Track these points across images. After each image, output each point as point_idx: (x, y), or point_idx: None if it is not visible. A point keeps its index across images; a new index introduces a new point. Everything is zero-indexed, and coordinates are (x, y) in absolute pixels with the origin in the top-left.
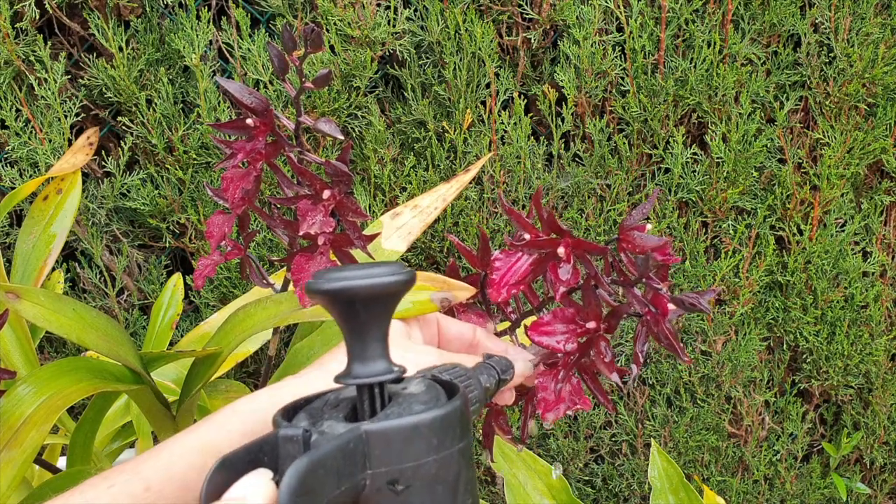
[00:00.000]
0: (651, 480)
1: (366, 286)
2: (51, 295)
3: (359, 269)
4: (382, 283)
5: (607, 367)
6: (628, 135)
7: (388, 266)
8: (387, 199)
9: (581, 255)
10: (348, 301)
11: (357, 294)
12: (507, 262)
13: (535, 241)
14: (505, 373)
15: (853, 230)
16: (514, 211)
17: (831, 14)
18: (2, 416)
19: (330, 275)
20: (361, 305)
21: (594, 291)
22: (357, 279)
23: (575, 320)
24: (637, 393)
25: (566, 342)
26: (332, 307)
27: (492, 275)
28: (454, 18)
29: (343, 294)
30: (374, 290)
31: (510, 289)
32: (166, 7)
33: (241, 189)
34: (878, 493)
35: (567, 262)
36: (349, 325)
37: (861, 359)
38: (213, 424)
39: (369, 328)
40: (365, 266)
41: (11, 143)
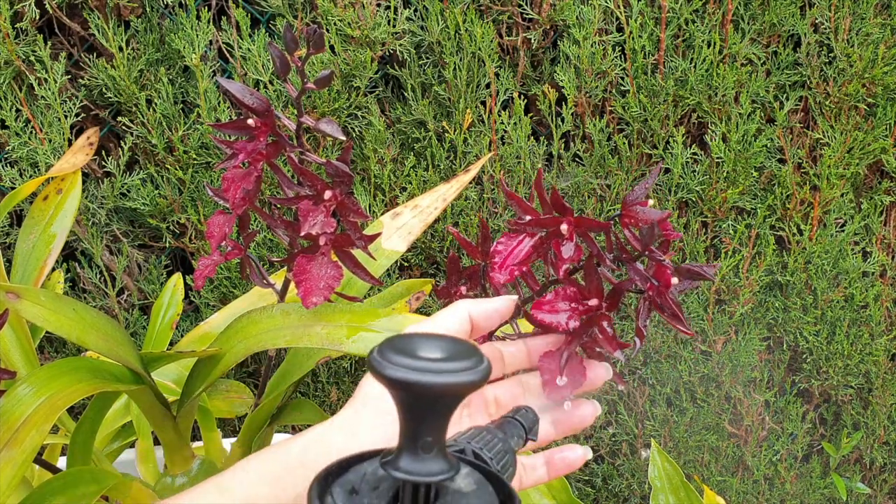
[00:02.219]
0: (651, 480)
1: (435, 384)
2: (51, 295)
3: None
4: (453, 383)
5: (610, 343)
6: (628, 135)
7: (461, 359)
8: (387, 199)
9: (583, 232)
10: (412, 394)
11: (423, 391)
12: (510, 245)
13: (539, 220)
14: (531, 431)
15: (853, 230)
16: (515, 195)
17: (831, 14)
18: (2, 416)
19: (397, 358)
20: (426, 400)
21: (596, 269)
22: (426, 373)
23: (577, 299)
24: (637, 393)
25: (569, 320)
26: (392, 392)
27: (493, 259)
28: (454, 18)
29: (408, 387)
30: (443, 390)
31: (513, 270)
32: (166, 7)
33: (242, 189)
34: (878, 493)
35: (570, 240)
36: (408, 414)
37: (861, 359)
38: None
39: (430, 422)
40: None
41: (11, 143)
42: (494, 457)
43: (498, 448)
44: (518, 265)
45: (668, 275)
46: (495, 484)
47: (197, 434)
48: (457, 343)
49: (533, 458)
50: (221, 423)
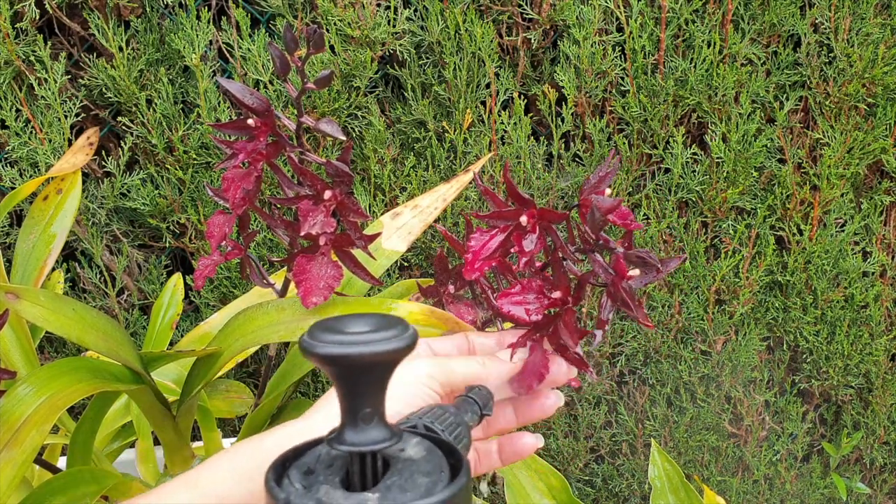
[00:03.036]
0: (651, 480)
1: (364, 354)
2: (51, 295)
3: (356, 332)
4: (382, 351)
5: (572, 336)
6: (628, 135)
7: (388, 329)
8: (387, 199)
9: (546, 225)
10: (344, 367)
11: (354, 362)
12: (482, 240)
13: (499, 212)
14: (486, 407)
15: (853, 230)
16: (488, 190)
17: (831, 14)
18: (2, 416)
19: (325, 336)
20: (358, 371)
21: (562, 263)
22: (355, 345)
23: (543, 291)
24: (637, 393)
25: (534, 313)
26: (326, 369)
27: (466, 254)
28: (454, 18)
29: (339, 361)
30: (372, 358)
31: (482, 265)
32: (166, 7)
33: (242, 189)
34: (878, 493)
35: (532, 232)
36: (344, 388)
37: (861, 359)
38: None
39: (366, 393)
40: (361, 324)
41: (11, 143)
42: (446, 429)
43: (450, 421)
44: (487, 260)
45: (623, 265)
46: (446, 450)
47: (197, 434)
48: (383, 317)
49: (488, 444)
50: (221, 423)
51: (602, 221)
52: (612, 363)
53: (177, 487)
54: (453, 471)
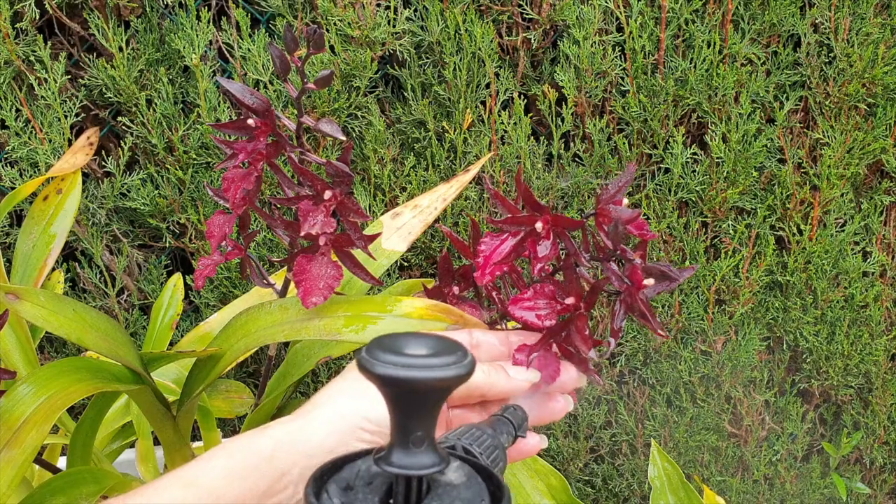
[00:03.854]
0: (651, 480)
1: (423, 379)
2: (51, 295)
3: (416, 354)
4: (441, 377)
5: (585, 342)
6: (628, 135)
7: (448, 354)
8: (387, 199)
9: (561, 231)
10: (402, 389)
11: (412, 386)
12: (492, 244)
13: (514, 218)
14: (520, 428)
15: (853, 230)
16: (498, 194)
17: (831, 14)
18: (2, 416)
19: (384, 356)
20: (415, 395)
21: (574, 269)
22: (414, 369)
23: (555, 297)
24: (637, 393)
25: (546, 318)
26: (382, 389)
27: (477, 258)
28: (454, 18)
29: (398, 383)
30: (431, 384)
31: (494, 269)
32: (166, 7)
33: (242, 189)
34: (878, 493)
35: (546, 239)
36: (398, 410)
37: (861, 359)
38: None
39: (419, 416)
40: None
41: (11, 143)
42: (484, 451)
43: (487, 444)
44: (499, 265)
45: (640, 275)
46: (485, 476)
47: (197, 434)
48: (441, 340)
49: None
50: (221, 423)
51: (624, 235)
52: (612, 363)
53: (170, 483)
54: (493, 498)
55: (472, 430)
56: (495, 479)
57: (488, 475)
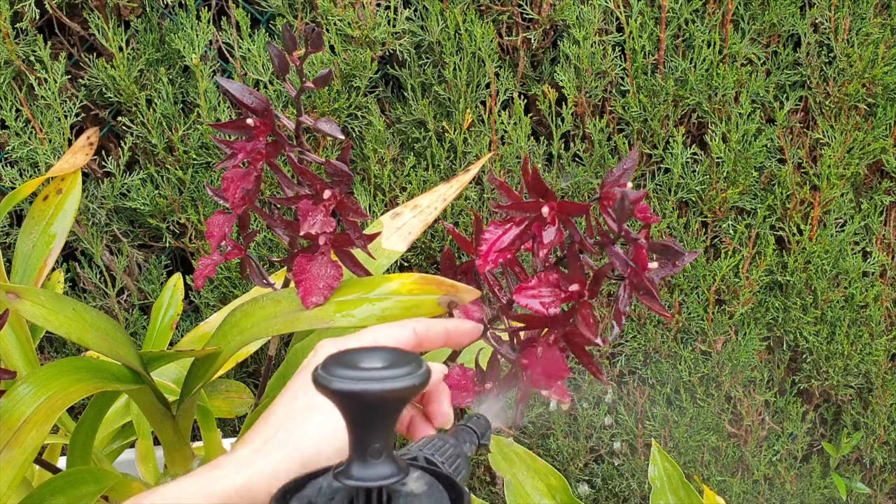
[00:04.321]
0: (651, 480)
1: (377, 391)
2: (51, 295)
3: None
4: (395, 388)
5: (590, 329)
6: (628, 135)
7: (401, 365)
8: (387, 199)
9: (565, 217)
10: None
11: (367, 399)
12: (496, 233)
13: (521, 203)
14: (483, 436)
15: (853, 230)
16: (503, 183)
17: (831, 14)
18: (2, 416)
19: (339, 371)
20: (371, 407)
21: (579, 256)
22: (368, 381)
23: (559, 285)
24: (637, 393)
25: (550, 306)
26: (338, 404)
27: (480, 247)
28: (454, 18)
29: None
30: (385, 395)
31: (497, 257)
32: (166, 7)
33: (242, 189)
34: (878, 493)
35: (552, 225)
36: (354, 423)
37: (861, 359)
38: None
39: (376, 428)
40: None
41: (11, 143)
42: (446, 461)
43: (450, 453)
44: (502, 252)
45: (645, 256)
46: (446, 484)
47: (197, 434)
48: (398, 353)
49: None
50: (221, 423)
51: (630, 210)
52: (612, 363)
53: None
54: None
55: (434, 441)
56: (457, 488)
57: (450, 483)
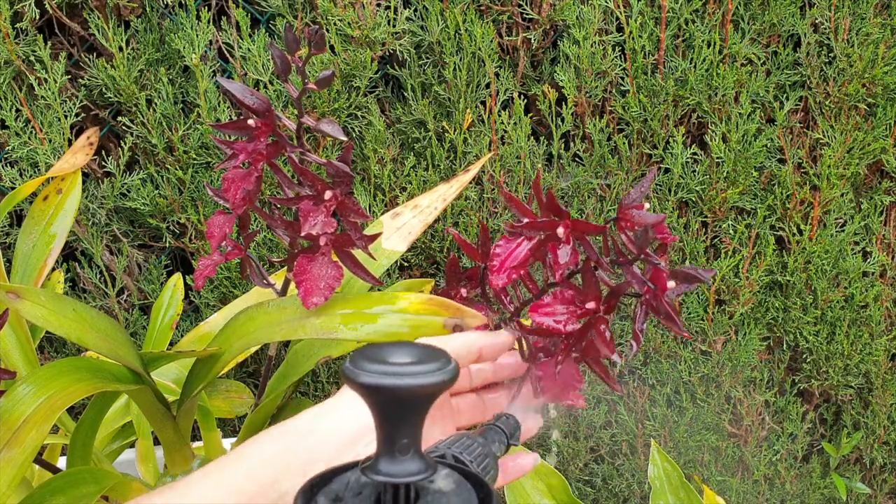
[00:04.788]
0: (651, 480)
1: (407, 386)
2: (51, 295)
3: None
4: (425, 384)
5: (607, 345)
6: (628, 135)
7: (431, 361)
8: (387, 199)
9: (580, 236)
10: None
11: (397, 393)
12: (508, 248)
13: (535, 223)
14: (512, 436)
15: (853, 230)
16: (514, 198)
17: (831, 14)
18: (2, 416)
19: (368, 365)
20: (399, 403)
21: (593, 273)
22: (398, 377)
23: (574, 301)
24: (637, 393)
25: (566, 323)
26: (367, 399)
27: (492, 262)
28: (454, 18)
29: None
30: (415, 391)
31: (510, 273)
32: (166, 7)
33: (242, 189)
34: (878, 493)
35: (567, 244)
36: (383, 418)
37: (861, 359)
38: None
39: (405, 424)
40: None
41: (11, 143)
42: (474, 460)
43: (478, 452)
44: (516, 268)
45: (664, 278)
46: (474, 483)
47: (197, 434)
48: (425, 348)
49: None
50: (221, 423)
51: (653, 238)
52: (611, 363)
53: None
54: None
55: (463, 439)
56: (485, 487)
57: (478, 482)
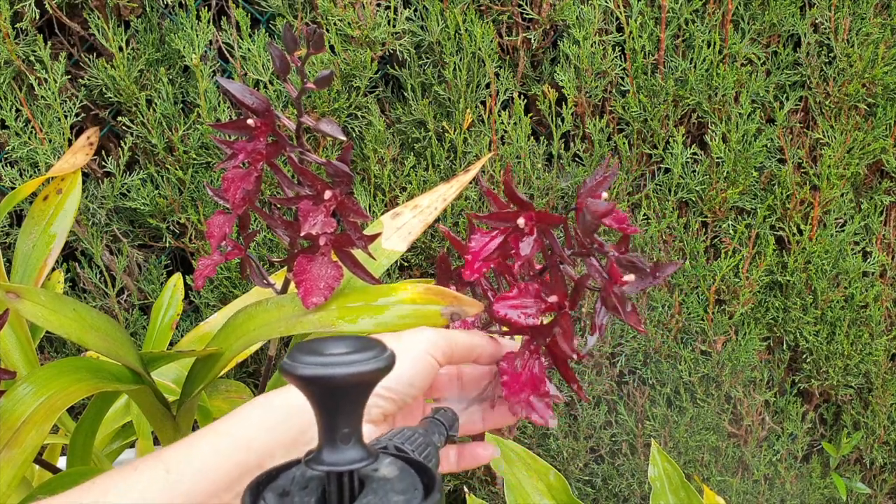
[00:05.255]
0: (651, 480)
1: (341, 375)
2: (51, 295)
3: (335, 353)
4: (359, 372)
5: (569, 343)
6: (628, 135)
7: (366, 350)
8: (387, 199)
9: (545, 228)
10: (323, 387)
11: (334, 382)
12: (482, 241)
13: (497, 214)
14: (451, 427)
15: (853, 230)
16: (490, 191)
17: (831, 14)
18: (2, 416)
19: (305, 358)
20: (336, 392)
21: (558, 266)
22: (333, 366)
23: (540, 295)
24: (637, 393)
25: (530, 317)
26: (305, 391)
27: (466, 256)
28: (454, 18)
29: (317, 381)
30: (349, 379)
31: (481, 266)
32: (166, 7)
33: (242, 189)
34: (878, 493)
35: (529, 235)
36: (322, 408)
37: (861, 359)
38: (230, 418)
39: (344, 413)
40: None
41: (11, 143)
42: (416, 449)
43: (419, 441)
44: (486, 261)
45: (618, 270)
46: (417, 469)
47: None
48: (363, 339)
49: (447, 449)
50: None
51: (594, 225)
52: (612, 363)
53: (205, 433)
54: (426, 489)
55: (404, 431)
56: (429, 472)
57: (421, 468)
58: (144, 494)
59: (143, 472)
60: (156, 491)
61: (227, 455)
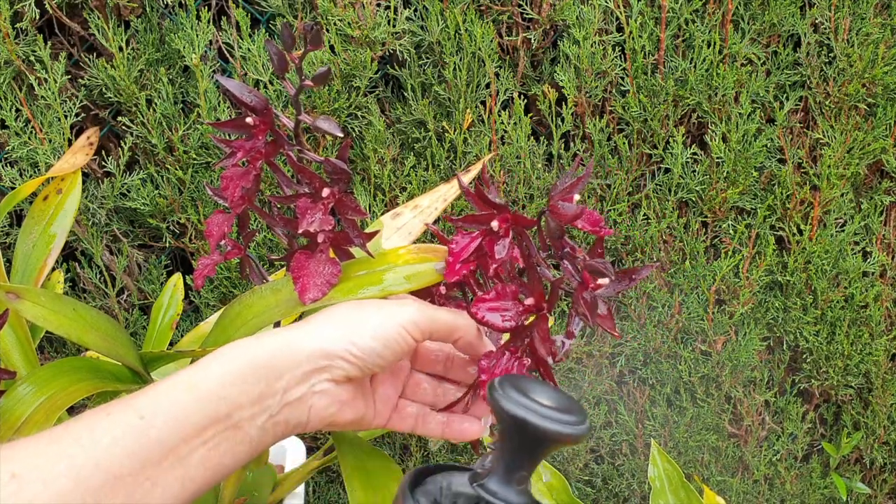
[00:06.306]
0: (651, 480)
1: (548, 430)
2: (51, 295)
3: (543, 403)
4: (563, 433)
5: (546, 346)
6: (628, 135)
7: (571, 413)
8: (387, 199)
9: (520, 230)
10: (527, 433)
11: (538, 433)
12: (462, 243)
13: (472, 216)
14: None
15: (853, 230)
16: (470, 192)
17: (831, 14)
18: (2, 416)
19: (515, 395)
20: (535, 440)
21: (535, 268)
22: (542, 418)
23: (517, 298)
24: (637, 393)
25: (509, 320)
26: (505, 424)
27: (448, 257)
28: (454, 18)
29: (525, 426)
30: (552, 436)
31: (461, 268)
32: (166, 7)
33: (241, 188)
34: (878, 493)
35: (505, 237)
36: (513, 447)
37: (861, 359)
38: (197, 366)
39: (530, 458)
40: (546, 396)
41: (11, 143)
42: None
43: None
44: (465, 263)
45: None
46: None
47: None
48: (565, 397)
49: (435, 414)
50: None
51: (559, 230)
52: (612, 363)
53: (174, 385)
54: None
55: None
56: None
57: None
58: (118, 440)
59: (116, 416)
60: (130, 437)
61: (198, 408)
